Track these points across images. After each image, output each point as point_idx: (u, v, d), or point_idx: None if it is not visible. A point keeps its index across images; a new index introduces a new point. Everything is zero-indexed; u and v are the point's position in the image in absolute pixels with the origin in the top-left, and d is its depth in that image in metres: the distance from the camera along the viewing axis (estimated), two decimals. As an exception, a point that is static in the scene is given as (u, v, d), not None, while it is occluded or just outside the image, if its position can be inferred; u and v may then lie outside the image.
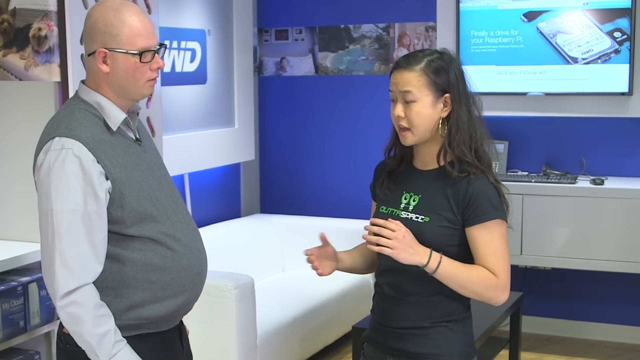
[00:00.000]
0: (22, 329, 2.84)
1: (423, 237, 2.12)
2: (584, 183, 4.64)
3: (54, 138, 2.03)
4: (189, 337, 2.36)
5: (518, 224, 4.56)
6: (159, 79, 2.34)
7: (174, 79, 4.51)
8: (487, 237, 2.11)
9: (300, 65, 5.41)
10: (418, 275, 2.11)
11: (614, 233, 4.48)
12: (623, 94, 4.59)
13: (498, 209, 2.12)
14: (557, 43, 4.67)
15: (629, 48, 4.52)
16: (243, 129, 5.14)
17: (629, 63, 4.53)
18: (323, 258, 2.25)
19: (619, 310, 4.92)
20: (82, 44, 3.01)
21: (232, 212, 5.30)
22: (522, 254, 4.65)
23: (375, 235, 2.06)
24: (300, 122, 5.46)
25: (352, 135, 5.32)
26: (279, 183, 5.56)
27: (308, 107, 5.43)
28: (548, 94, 4.76)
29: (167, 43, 2.68)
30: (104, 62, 2.08)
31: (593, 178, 4.66)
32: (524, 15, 4.73)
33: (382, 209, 2.24)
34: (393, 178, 2.26)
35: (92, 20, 2.09)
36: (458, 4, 4.83)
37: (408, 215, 2.17)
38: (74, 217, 1.99)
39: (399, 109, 2.14)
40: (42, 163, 2.03)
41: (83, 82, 2.16)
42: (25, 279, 2.85)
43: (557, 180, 4.66)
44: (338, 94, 5.34)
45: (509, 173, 4.92)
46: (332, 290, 4.55)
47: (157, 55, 2.12)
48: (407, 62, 2.14)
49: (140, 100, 2.32)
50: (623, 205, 4.46)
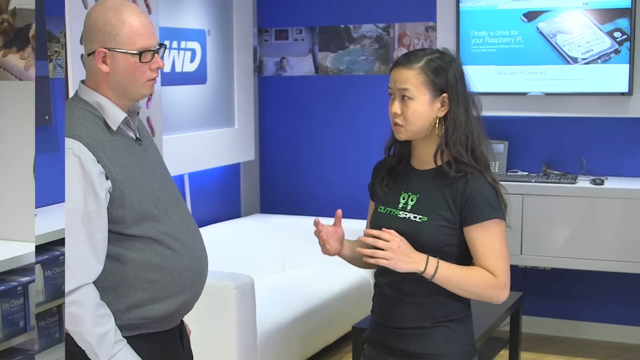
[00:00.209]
0: (22, 329, 2.83)
1: (421, 237, 2.12)
2: (584, 183, 4.63)
3: (54, 138, 2.04)
4: (190, 337, 2.36)
5: (518, 224, 4.56)
6: (159, 79, 2.34)
7: (174, 79, 4.51)
8: (485, 236, 2.11)
9: (300, 65, 5.41)
10: (417, 276, 2.11)
11: (614, 233, 4.47)
12: (623, 94, 4.59)
13: (496, 209, 2.12)
14: (557, 43, 4.67)
15: (629, 48, 4.52)
16: (243, 129, 5.14)
17: (629, 63, 4.53)
18: (332, 237, 2.21)
19: (619, 310, 4.91)
20: (82, 44, 3.02)
21: (232, 212, 5.30)
22: (522, 254, 4.65)
23: (371, 247, 2.07)
24: (300, 122, 5.46)
25: (352, 135, 5.32)
26: (279, 183, 5.56)
27: (308, 107, 5.43)
28: (548, 94, 4.75)
29: (167, 43, 2.68)
30: (104, 62, 2.08)
31: (593, 178, 4.65)
32: (524, 15, 4.73)
33: (380, 209, 2.24)
34: (392, 177, 2.26)
35: (91, 20, 2.09)
36: (458, 4, 4.83)
37: (406, 215, 2.17)
38: (74, 217, 1.99)
39: (396, 106, 2.14)
40: (42, 163, 2.04)
41: (83, 82, 2.16)
42: (25, 279, 2.85)
43: (557, 180, 4.66)
44: (338, 94, 5.34)
45: (509, 173, 4.91)
46: (332, 290, 4.55)
47: (156, 55, 2.12)
48: (407, 60, 2.15)
49: (140, 100, 2.32)
50: (623, 205, 4.45)
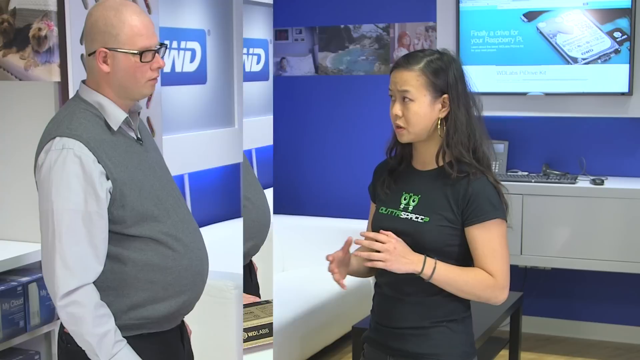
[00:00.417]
0: (22, 329, 2.83)
1: (423, 237, 2.12)
2: (584, 183, 4.63)
3: (55, 138, 2.03)
4: (190, 337, 2.36)
5: (518, 224, 4.56)
6: (159, 79, 2.34)
7: (174, 79, 4.51)
8: (486, 237, 2.11)
9: (300, 66, 5.41)
10: (417, 276, 2.11)
11: (614, 233, 4.47)
12: (623, 94, 4.59)
13: (497, 209, 2.12)
14: (557, 43, 4.67)
15: (629, 48, 4.52)
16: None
17: (629, 63, 4.53)
18: (340, 264, 2.19)
19: (619, 310, 4.91)
20: (82, 44, 3.02)
21: (232, 212, 5.29)
22: (522, 254, 4.65)
23: (368, 250, 2.07)
24: (301, 122, 5.46)
25: (352, 136, 5.32)
26: (279, 183, 5.56)
27: (308, 107, 5.43)
28: (548, 94, 4.75)
29: (167, 43, 2.68)
30: (104, 61, 2.08)
31: (593, 178, 4.65)
32: (524, 15, 4.73)
33: (381, 210, 2.24)
34: (394, 178, 2.26)
35: (92, 20, 2.09)
36: (458, 4, 4.83)
37: (408, 216, 2.17)
38: (75, 217, 1.99)
39: (397, 108, 2.14)
40: (43, 163, 2.03)
41: (84, 82, 2.16)
42: (25, 279, 2.85)
43: (557, 180, 4.66)
44: (338, 94, 5.34)
45: (509, 173, 4.91)
46: (332, 290, 4.54)
47: (157, 55, 2.12)
48: (406, 61, 2.15)
49: (140, 100, 2.32)
50: (623, 205, 4.46)
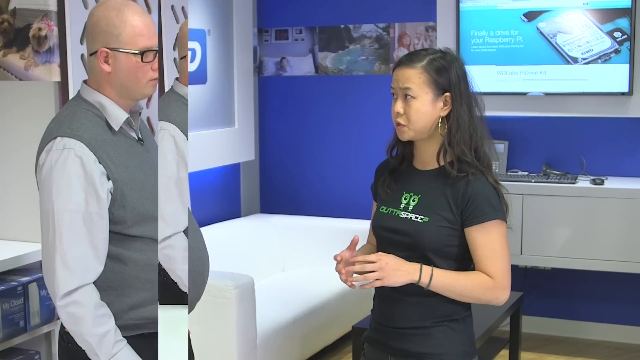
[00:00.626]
0: (22, 329, 2.83)
1: (422, 237, 2.12)
2: (584, 183, 4.63)
3: (56, 138, 2.03)
4: (190, 337, 2.36)
5: (518, 224, 4.56)
6: (160, 79, 2.34)
7: (174, 79, 4.50)
8: (485, 238, 2.11)
9: (300, 65, 5.41)
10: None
11: (614, 233, 4.47)
12: (623, 94, 4.59)
13: (497, 210, 2.12)
14: (557, 43, 4.67)
15: (629, 48, 4.52)
16: (243, 129, 5.14)
17: (629, 63, 4.53)
18: (348, 264, 2.17)
19: (619, 310, 4.91)
20: (82, 44, 3.02)
21: (232, 212, 5.30)
22: (522, 254, 4.65)
23: (362, 272, 2.07)
24: (300, 122, 5.46)
25: (352, 135, 5.32)
26: (279, 183, 5.56)
27: (308, 107, 5.43)
28: (548, 94, 4.75)
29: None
30: (106, 61, 2.08)
31: (593, 178, 4.65)
32: (524, 15, 4.73)
33: (382, 209, 2.24)
34: (394, 177, 2.27)
35: (94, 20, 2.09)
36: (458, 4, 4.83)
37: (408, 215, 2.17)
38: (75, 217, 1.99)
39: (399, 105, 2.15)
40: (43, 163, 2.03)
41: (85, 82, 2.16)
42: (25, 279, 2.85)
43: (557, 180, 4.66)
44: (338, 94, 5.34)
45: (509, 173, 4.91)
46: (332, 290, 4.54)
47: (158, 55, 2.12)
48: (409, 59, 2.15)
49: (141, 100, 2.32)
50: (623, 205, 4.46)
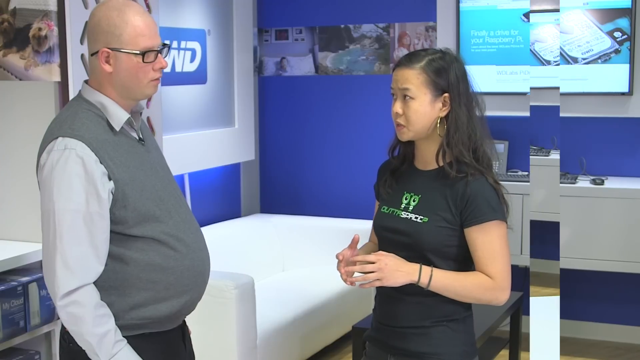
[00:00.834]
0: (22, 329, 2.83)
1: (421, 237, 2.13)
2: (584, 183, 4.63)
3: (57, 138, 2.03)
4: (190, 336, 2.37)
5: (518, 224, 4.56)
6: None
7: (174, 79, 4.51)
8: (484, 238, 2.11)
9: (300, 65, 5.41)
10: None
11: (614, 233, 4.47)
12: (623, 94, 4.59)
13: (496, 210, 2.12)
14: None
15: (629, 48, 4.52)
16: (243, 129, 5.14)
17: (629, 63, 4.53)
18: (349, 263, 2.17)
19: (619, 310, 4.91)
20: (82, 44, 3.02)
21: (232, 212, 5.30)
22: (522, 254, 4.65)
23: (361, 272, 2.08)
24: (300, 122, 5.46)
25: (352, 135, 5.32)
26: (279, 183, 5.56)
27: (308, 107, 5.43)
28: (548, 94, 4.75)
29: (169, 43, 2.68)
30: (107, 62, 2.07)
31: (593, 178, 4.65)
32: (524, 15, 4.73)
33: (383, 209, 2.25)
34: (396, 177, 2.27)
35: (95, 20, 2.09)
36: (458, 4, 4.83)
37: (408, 216, 2.18)
38: (76, 217, 1.99)
39: (398, 106, 2.15)
40: (45, 163, 2.03)
41: (86, 82, 2.16)
42: (25, 279, 2.85)
43: (557, 180, 4.66)
44: (338, 94, 5.34)
45: (509, 173, 4.91)
46: (332, 290, 4.54)
47: (159, 55, 2.12)
48: (408, 60, 2.16)
49: (141, 100, 2.32)
50: (623, 205, 4.46)
